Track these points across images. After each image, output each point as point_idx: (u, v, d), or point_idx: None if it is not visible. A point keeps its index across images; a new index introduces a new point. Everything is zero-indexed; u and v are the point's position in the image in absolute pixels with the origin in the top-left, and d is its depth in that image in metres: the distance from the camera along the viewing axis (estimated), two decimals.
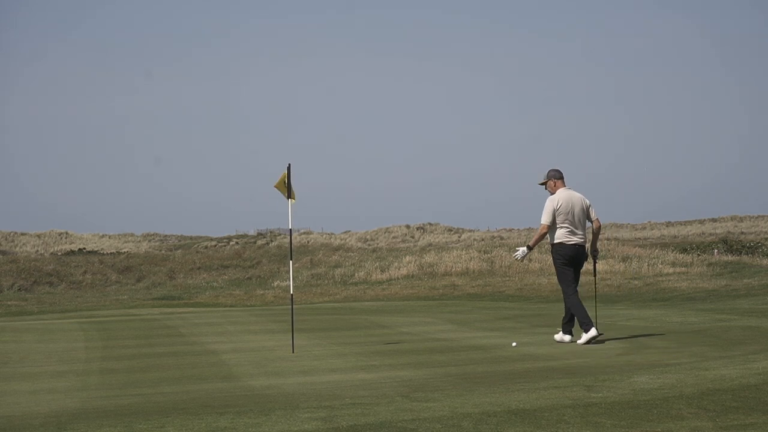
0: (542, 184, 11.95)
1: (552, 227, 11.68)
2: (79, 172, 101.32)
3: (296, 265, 43.43)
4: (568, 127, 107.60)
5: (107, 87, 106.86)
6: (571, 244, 11.64)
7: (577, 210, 11.67)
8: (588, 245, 11.99)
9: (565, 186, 11.82)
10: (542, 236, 11.71)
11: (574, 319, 11.77)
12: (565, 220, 11.61)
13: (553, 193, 11.75)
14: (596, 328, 11.52)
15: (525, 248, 11.96)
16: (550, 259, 38.12)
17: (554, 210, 11.60)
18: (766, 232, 59.24)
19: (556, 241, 11.68)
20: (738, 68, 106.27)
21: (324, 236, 59.19)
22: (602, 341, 11.82)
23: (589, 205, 11.83)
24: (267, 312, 20.11)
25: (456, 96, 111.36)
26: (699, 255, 38.10)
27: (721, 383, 7.35)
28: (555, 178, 11.83)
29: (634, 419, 6.15)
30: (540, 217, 11.71)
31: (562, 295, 11.92)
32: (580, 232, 11.74)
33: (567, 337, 11.85)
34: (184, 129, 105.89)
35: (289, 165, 12.01)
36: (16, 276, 41.70)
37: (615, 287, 29.57)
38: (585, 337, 11.44)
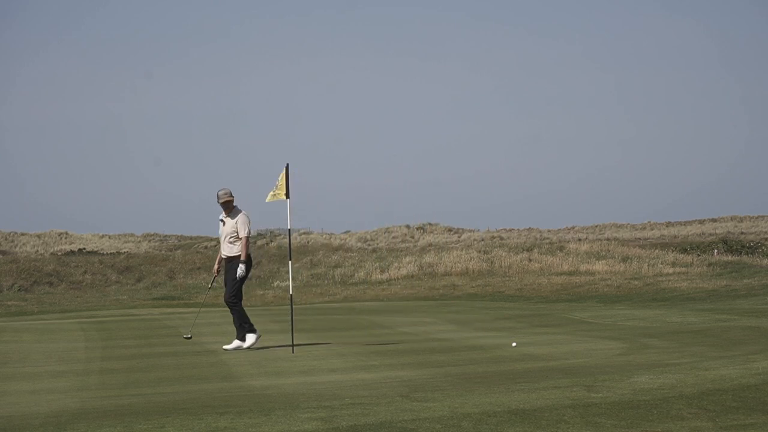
0: (226, 202, 12.27)
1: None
2: (79, 172, 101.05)
3: (296, 265, 43.41)
4: (568, 127, 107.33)
5: (107, 87, 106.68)
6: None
7: None
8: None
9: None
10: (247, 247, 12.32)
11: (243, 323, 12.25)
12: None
13: (231, 211, 12.27)
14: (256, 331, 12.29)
15: (243, 266, 12.22)
16: (549, 259, 38.45)
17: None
18: (766, 232, 59.17)
19: (248, 253, 12.31)
20: (738, 68, 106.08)
21: (324, 236, 59.05)
22: (602, 341, 11.81)
23: None
24: (267, 312, 20.10)
25: (456, 96, 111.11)
26: (699, 255, 38.10)
27: (721, 383, 7.35)
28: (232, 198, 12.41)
29: (634, 419, 6.15)
30: (241, 231, 12.25)
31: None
32: None
33: (248, 340, 12.17)
34: (183, 129, 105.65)
35: (288, 165, 12.05)
36: (16, 276, 41.67)
37: (615, 287, 29.58)
38: (253, 338, 12.14)
